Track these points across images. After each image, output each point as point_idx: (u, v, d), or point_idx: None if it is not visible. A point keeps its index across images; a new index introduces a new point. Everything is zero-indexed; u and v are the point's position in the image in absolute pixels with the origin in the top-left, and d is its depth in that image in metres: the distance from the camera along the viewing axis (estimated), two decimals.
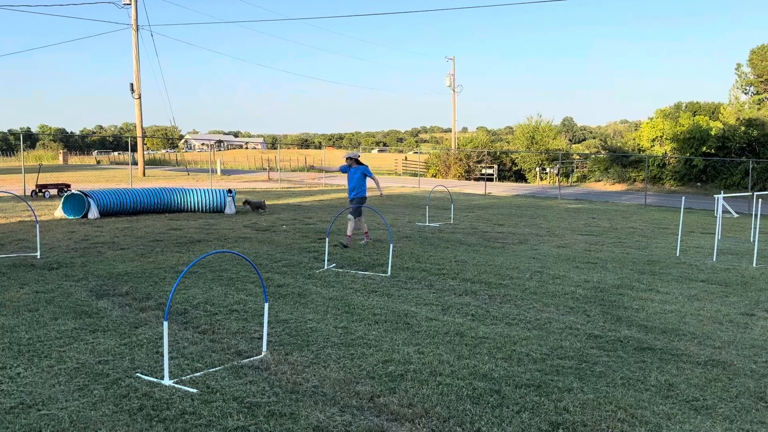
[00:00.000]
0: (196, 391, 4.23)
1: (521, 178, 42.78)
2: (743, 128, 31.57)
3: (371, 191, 11.76)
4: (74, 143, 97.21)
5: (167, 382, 4.36)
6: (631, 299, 7.21)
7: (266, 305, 5.12)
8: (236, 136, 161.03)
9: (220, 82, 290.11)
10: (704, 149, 31.58)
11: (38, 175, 22.40)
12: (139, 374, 4.54)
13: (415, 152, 59.70)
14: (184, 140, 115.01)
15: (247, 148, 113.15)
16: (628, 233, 13.87)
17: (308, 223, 14.39)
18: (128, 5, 34.97)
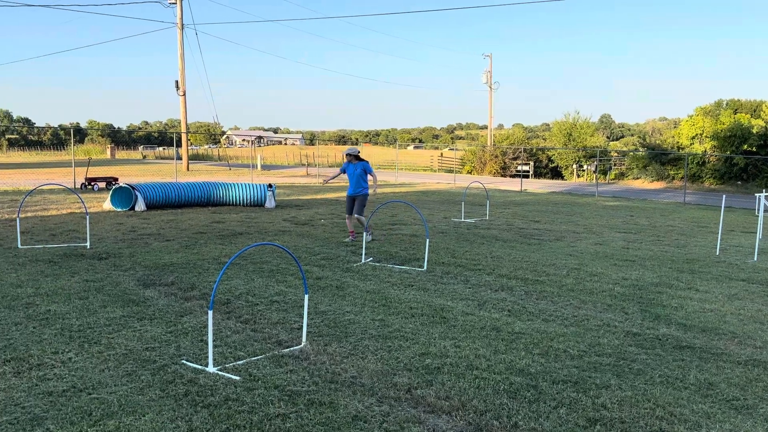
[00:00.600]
0: (239, 378, 4.37)
1: (558, 175, 42.25)
2: None
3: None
4: (121, 138, 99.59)
5: (211, 369, 4.51)
6: (669, 297, 7.13)
7: (306, 297, 5.23)
8: (276, 132, 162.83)
9: (260, 79, 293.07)
10: (745, 147, 30.75)
11: (87, 168, 23.12)
12: (184, 361, 4.70)
13: (450, 149, 59.42)
14: (225, 136, 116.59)
15: (286, 144, 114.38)
16: (666, 231, 13.65)
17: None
18: (173, 4, 35.51)
